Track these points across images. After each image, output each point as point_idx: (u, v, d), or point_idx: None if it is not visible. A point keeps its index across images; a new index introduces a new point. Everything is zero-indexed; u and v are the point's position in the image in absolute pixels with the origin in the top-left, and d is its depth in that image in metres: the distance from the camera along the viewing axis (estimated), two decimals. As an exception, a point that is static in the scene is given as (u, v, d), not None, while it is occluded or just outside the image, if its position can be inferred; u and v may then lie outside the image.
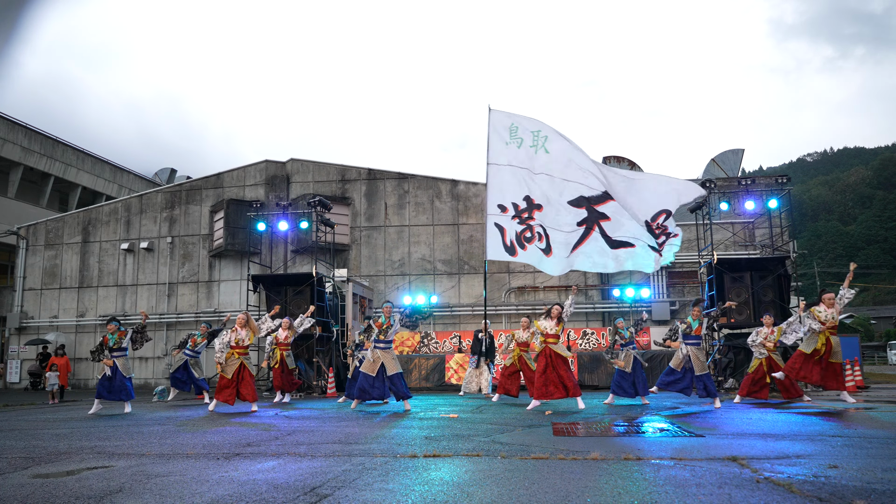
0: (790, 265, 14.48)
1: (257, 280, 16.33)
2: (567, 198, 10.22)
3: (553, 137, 10.34)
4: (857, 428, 6.87)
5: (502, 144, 10.46)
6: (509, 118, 10.55)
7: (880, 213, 77.09)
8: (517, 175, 10.39)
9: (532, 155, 10.35)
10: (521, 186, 10.40)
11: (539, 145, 10.33)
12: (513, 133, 10.46)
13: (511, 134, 10.46)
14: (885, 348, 44.41)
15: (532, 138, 10.37)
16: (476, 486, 3.86)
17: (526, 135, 10.39)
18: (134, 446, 6.11)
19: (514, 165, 10.40)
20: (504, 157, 10.46)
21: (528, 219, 10.47)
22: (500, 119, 10.57)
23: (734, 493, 3.54)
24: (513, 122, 10.51)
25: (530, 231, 10.48)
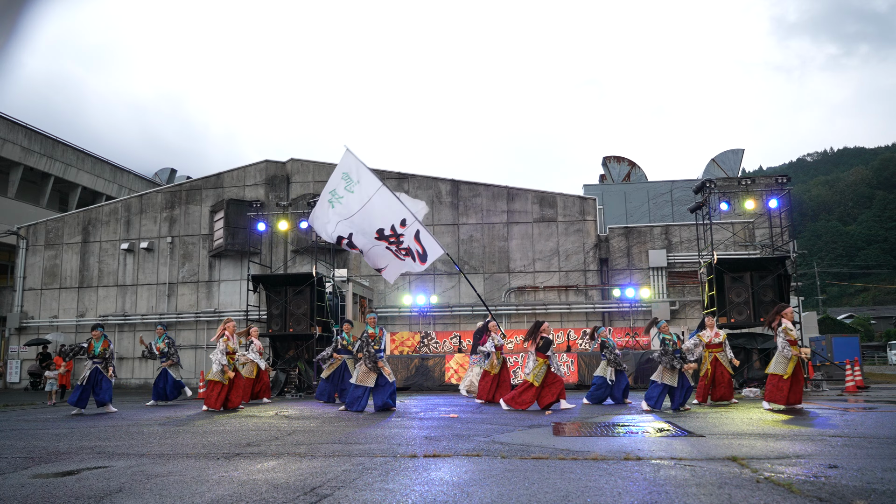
0: (790, 265, 14.48)
1: (257, 280, 16.33)
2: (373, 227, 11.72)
3: (362, 186, 11.62)
4: (857, 428, 6.87)
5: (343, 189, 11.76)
6: (346, 166, 11.73)
7: (880, 213, 77.12)
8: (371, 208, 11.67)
9: (351, 197, 11.64)
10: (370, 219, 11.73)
11: (350, 188, 11.69)
12: (347, 180, 11.76)
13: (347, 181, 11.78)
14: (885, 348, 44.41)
15: (345, 184, 11.68)
16: (476, 486, 3.86)
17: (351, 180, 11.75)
18: (134, 446, 6.11)
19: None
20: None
21: (396, 240, 11.73)
22: (346, 162, 11.76)
23: (734, 493, 3.54)
24: (348, 170, 11.72)
25: (396, 246, 11.81)
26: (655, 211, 27.10)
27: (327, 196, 11.61)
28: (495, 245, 20.88)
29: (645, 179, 30.58)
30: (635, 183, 29.64)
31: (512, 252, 20.74)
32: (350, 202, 11.45)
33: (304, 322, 15.45)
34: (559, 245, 20.58)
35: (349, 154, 11.63)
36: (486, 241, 20.88)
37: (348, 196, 11.47)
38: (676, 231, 20.44)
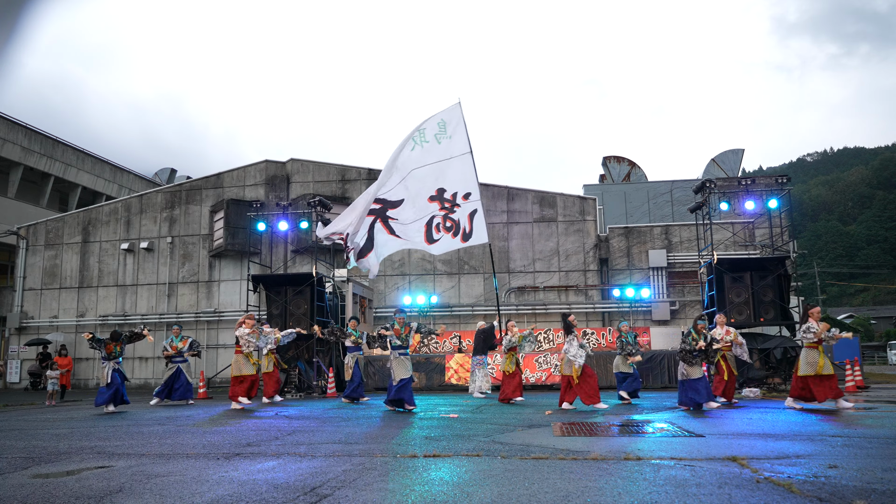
0: (790, 265, 14.47)
1: (257, 280, 16.33)
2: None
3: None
4: (857, 428, 6.87)
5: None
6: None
7: (880, 213, 77.12)
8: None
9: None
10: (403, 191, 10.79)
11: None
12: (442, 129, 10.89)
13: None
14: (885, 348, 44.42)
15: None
16: (476, 486, 3.86)
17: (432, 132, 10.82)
18: (134, 446, 6.11)
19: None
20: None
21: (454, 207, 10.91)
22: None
23: (734, 493, 3.54)
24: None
25: (441, 218, 10.93)
26: (655, 211, 27.09)
27: (413, 133, 10.72)
28: (495, 245, 20.86)
29: (645, 179, 30.56)
30: (635, 183, 29.62)
31: (512, 252, 20.73)
32: (430, 151, 10.63)
33: (304, 322, 15.44)
34: (559, 245, 20.57)
35: (458, 108, 10.92)
36: (486, 241, 20.87)
37: (433, 144, 10.68)
38: (676, 231, 20.44)
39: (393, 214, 10.58)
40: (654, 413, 9.24)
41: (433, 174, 10.60)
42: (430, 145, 10.63)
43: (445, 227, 10.84)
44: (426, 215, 10.68)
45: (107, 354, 11.05)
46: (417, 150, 10.59)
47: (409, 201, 10.59)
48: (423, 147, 10.60)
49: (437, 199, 10.72)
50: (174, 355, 13.01)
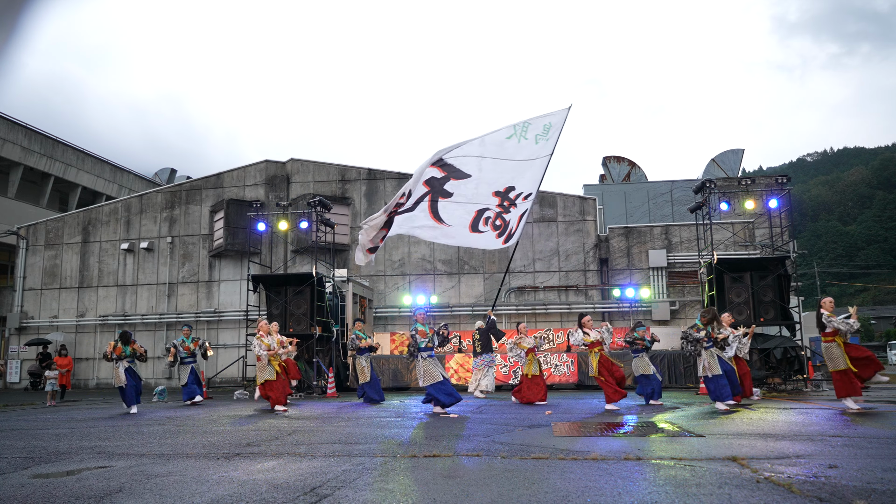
0: (790, 265, 14.47)
1: (257, 280, 16.32)
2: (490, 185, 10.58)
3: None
4: (857, 428, 6.87)
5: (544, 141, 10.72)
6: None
7: (880, 213, 77.11)
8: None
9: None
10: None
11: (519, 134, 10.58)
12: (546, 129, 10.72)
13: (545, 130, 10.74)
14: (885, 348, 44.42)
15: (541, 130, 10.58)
16: (476, 486, 3.86)
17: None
18: (134, 446, 6.11)
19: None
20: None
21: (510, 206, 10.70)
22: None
23: (734, 493, 3.54)
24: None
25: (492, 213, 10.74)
26: (655, 211, 27.09)
27: (518, 123, 10.46)
28: (495, 245, 20.87)
29: (645, 179, 30.56)
30: (635, 183, 29.62)
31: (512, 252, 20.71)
32: (524, 148, 10.42)
33: (304, 322, 15.44)
34: (559, 245, 20.57)
35: (565, 112, 10.71)
36: (486, 241, 20.86)
37: (530, 143, 10.47)
38: (676, 231, 20.44)
39: (450, 188, 10.33)
40: (654, 413, 9.24)
41: (512, 171, 10.48)
42: (527, 143, 10.51)
43: (494, 225, 10.66)
44: (482, 205, 10.50)
45: (116, 355, 11.04)
46: (513, 140, 10.44)
47: (475, 182, 10.37)
48: (520, 142, 10.46)
49: (500, 196, 10.54)
50: (187, 356, 12.96)
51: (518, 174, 10.46)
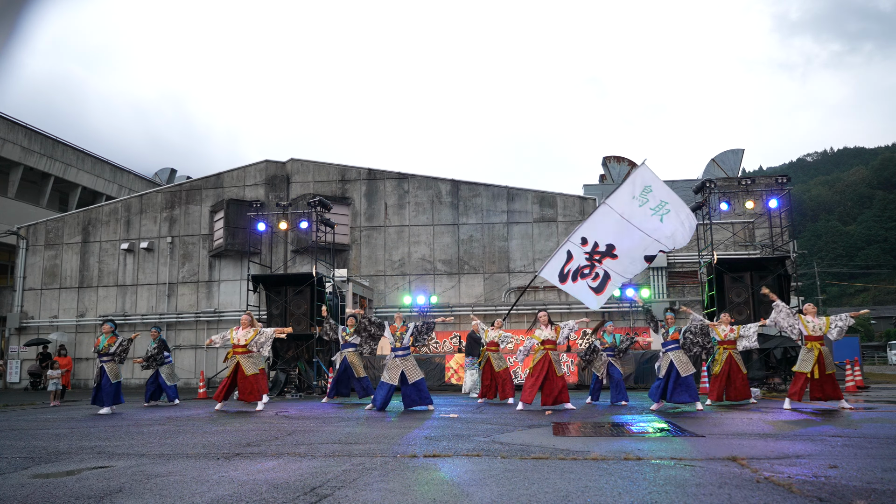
0: (790, 265, 14.48)
1: (257, 280, 16.33)
2: (644, 253, 10.57)
3: (676, 208, 10.52)
4: (857, 428, 6.87)
5: (629, 196, 10.73)
6: (652, 179, 10.71)
7: (880, 213, 77.09)
8: (618, 225, 10.60)
9: (647, 218, 10.54)
10: (613, 235, 10.63)
11: (658, 213, 10.53)
12: (644, 192, 10.65)
13: (643, 192, 10.65)
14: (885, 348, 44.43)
15: (658, 204, 10.58)
16: (476, 486, 3.86)
17: (654, 199, 10.59)
18: (134, 446, 6.10)
19: (624, 218, 10.58)
20: (621, 207, 10.63)
21: (597, 261, 10.70)
22: (644, 175, 10.75)
23: (734, 493, 3.54)
24: (652, 184, 10.71)
25: (590, 270, 10.72)
26: (655, 211, 27.06)
27: (643, 191, 10.50)
28: (495, 245, 20.88)
29: (645, 179, 30.53)
30: (635, 183, 29.58)
31: (512, 252, 20.74)
32: (637, 214, 10.55)
33: (304, 322, 15.45)
34: (559, 245, 20.56)
35: (645, 170, 10.84)
36: (486, 241, 20.87)
37: (645, 210, 10.58)
38: (676, 231, 20.42)
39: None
40: (654, 413, 9.24)
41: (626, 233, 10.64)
42: (643, 208, 10.60)
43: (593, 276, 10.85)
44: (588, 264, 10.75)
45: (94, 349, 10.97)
46: (643, 207, 10.58)
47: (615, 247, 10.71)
48: (641, 208, 10.58)
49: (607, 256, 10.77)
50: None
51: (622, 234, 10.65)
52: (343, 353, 11.80)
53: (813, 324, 9.38)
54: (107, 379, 10.66)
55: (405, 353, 10.42)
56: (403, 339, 10.45)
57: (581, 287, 10.75)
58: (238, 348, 10.55)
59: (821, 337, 9.34)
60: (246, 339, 10.62)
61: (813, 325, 9.38)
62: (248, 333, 10.66)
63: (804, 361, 9.27)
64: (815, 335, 9.33)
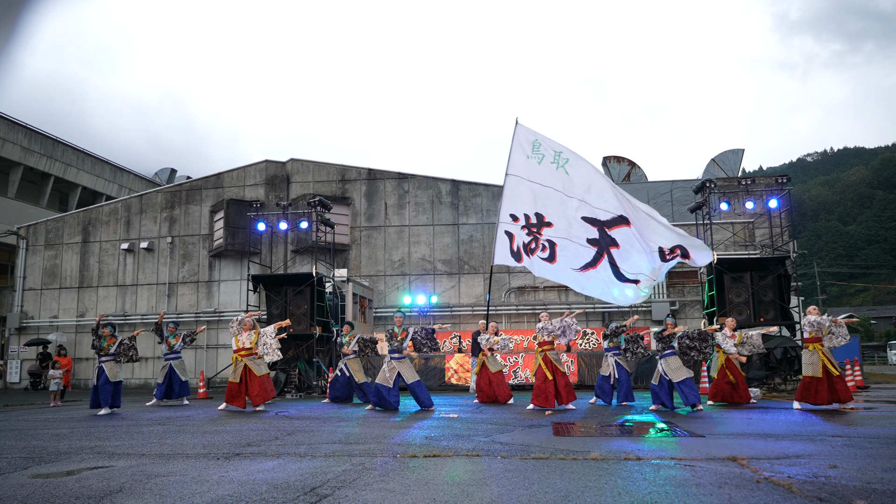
0: (790, 265, 14.48)
1: (257, 280, 16.33)
2: (581, 214, 10.46)
3: (575, 161, 10.57)
4: (857, 428, 6.87)
5: (523, 157, 10.64)
6: (534, 134, 10.74)
7: (880, 213, 77.07)
8: (534, 190, 10.57)
9: (552, 172, 10.55)
10: (535, 202, 10.59)
11: (560, 165, 10.48)
12: (535, 148, 10.61)
13: (534, 149, 10.61)
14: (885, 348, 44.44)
15: (553, 156, 10.52)
16: (476, 486, 3.86)
17: (548, 152, 10.59)
18: (134, 446, 6.10)
19: (533, 182, 10.56)
20: (524, 171, 10.62)
21: (536, 233, 10.70)
22: (524, 133, 10.75)
23: (734, 493, 3.54)
24: (536, 138, 10.68)
25: (535, 243, 10.75)
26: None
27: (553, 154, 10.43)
28: (495, 245, 20.85)
29: (645, 179, 30.54)
30: (635, 183, 29.60)
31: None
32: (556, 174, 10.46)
33: (304, 322, 15.45)
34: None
35: (519, 129, 10.68)
36: (486, 241, 20.86)
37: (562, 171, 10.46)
38: (676, 231, 20.41)
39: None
40: (654, 413, 9.24)
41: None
42: (542, 165, 10.58)
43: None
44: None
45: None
46: (543, 163, 10.57)
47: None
48: (541, 165, 10.56)
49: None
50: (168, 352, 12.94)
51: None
52: (344, 360, 12.03)
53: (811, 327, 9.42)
54: (105, 378, 10.66)
55: (400, 356, 10.51)
56: (403, 343, 10.53)
57: (535, 261, 10.90)
58: (243, 351, 10.62)
59: (819, 339, 9.35)
60: (251, 341, 10.69)
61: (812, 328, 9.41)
62: (251, 336, 10.74)
63: (810, 365, 9.25)
64: (814, 337, 9.34)
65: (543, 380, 10.13)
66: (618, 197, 10.56)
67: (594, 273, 10.64)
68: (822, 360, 9.16)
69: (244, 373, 10.53)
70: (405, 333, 10.63)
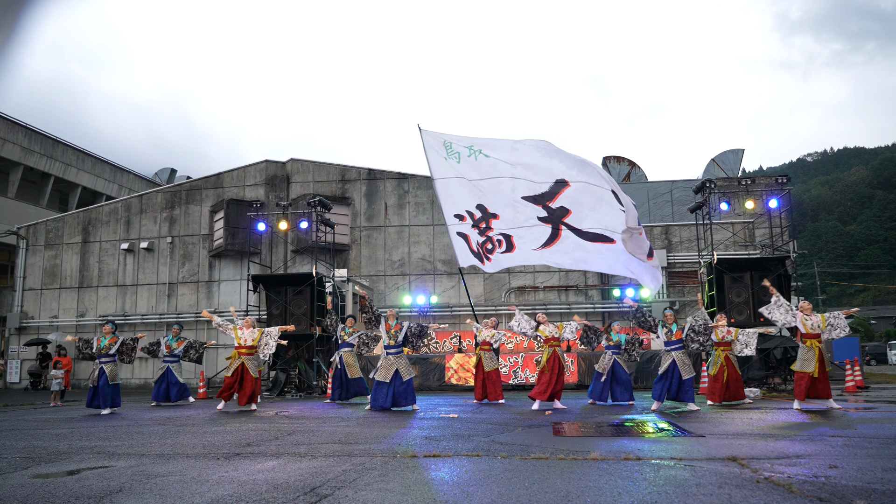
0: (790, 265, 14.48)
1: (257, 280, 16.33)
2: (521, 194, 9.98)
3: (488, 145, 10.09)
4: (857, 428, 6.87)
5: (441, 160, 10.29)
6: (441, 136, 10.33)
7: (880, 213, 77.05)
8: (465, 186, 10.19)
9: (474, 164, 10.07)
10: (472, 196, 10.21)
11: (477, 153, 10.14)
12: (448, 148, 10.23)
13: (447, 150, 10.25)
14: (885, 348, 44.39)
15: (468, 151, 10.17)
16: (476, 486, 3.86)
17: (461, 149, 10.19)
18: (134, 446, 6.11)
19: (462, 177, 10.18)
20: (449, 172, 10.25)
21: (486, 229, 10.33)
22: (431, 138, 10.36)
23: (734, 493, 3.54)
24: (445, 139, 10.33)
25: (490, 242, 10.42)
26: (655, 211, 27.08)
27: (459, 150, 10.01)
28: (495, 245, 20.86)
29: (645, 179, 30.56)
30: (635, 183, 29.61)
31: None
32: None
33: (304, 322, 15.45)
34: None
35: (425, 135, 10.32)
36: (486, 241, 20.86)
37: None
38: (676, 231, 20.43)
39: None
40: (655, 413, 9.24)
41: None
42: (462, 163, 10.26)
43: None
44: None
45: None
46: (462, 161, 10.26)
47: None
48: (461, 163, 10.25)
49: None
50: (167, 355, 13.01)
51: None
52: (340, 352, 11.98)
53: (810, 322, 9.40)
54: (105, 380, 10.63)
55: (398, 350, 10.49)
56: (398, 337, 10.51)
57: (496, 259, 10.52)
58: (243, 349, 10.59)
59: (818, 335, 9.35)
60: (253, 339, 10.67)
61: (811, 324, 9.39)
62: (253, 334, 10.72)
63: (806, 361, 9.27)
64: (812, 333, 9.35)
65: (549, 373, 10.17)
66: (546, 156, 9.83)
67: (558, 246, 10.03)
68: (817, 357, 9.19)
69: (240, 370, 10.53)
70: (399, 326, 10.62)
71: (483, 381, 11.57)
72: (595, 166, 9.92)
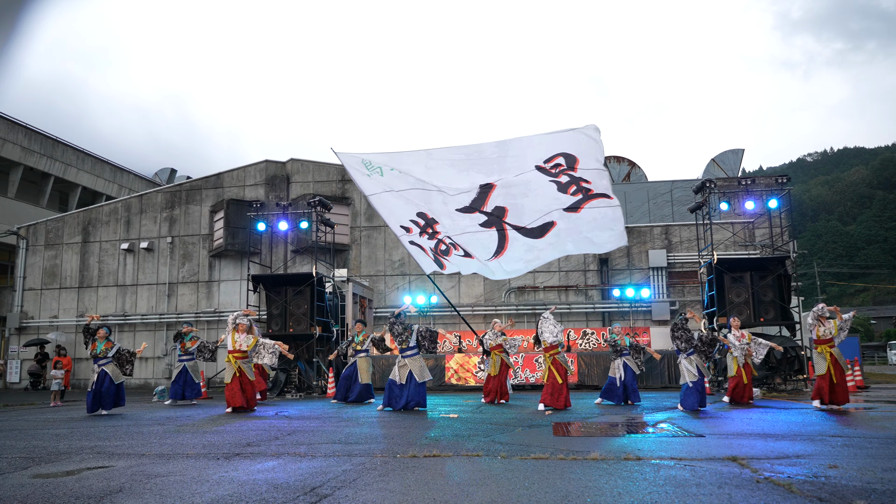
0: (790, 265, 14.48)
1: (257, 280, 16.32)
2: (453, 206, 9.68)
3: (396, 160, 9.81)
4: (857, 428, 6.87)
5: (366, 178, 9.92)
6: (358, 155, 10.01)
7: (880, 213, 77.06)
8: (399, 197, 9.88)
9: (397, 177, 9.74)
10: (409, 206, 9.90)
11: (399, 170, 9.87)
12: (368, 166, 9.87)
13: (368, 167, 9.92)
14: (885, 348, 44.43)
15: (389, 167, 9.93)
16: (476, 486, 3.86)
17: (381, 164, 9.88)
18: (134, 446, 6.11)
19: (391, 190, 9.86)
20: (376, 187, 9.93)
21: (434, 234, 10.06)
22: (350, 158, 10.02)
23: (734, 493, 3.54)
24: (362, 158, 10.00)
25: (443, 244, 10.13)
26: (655, 211, 27.07)
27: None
28: (495, 245, 20.85)
29: (645, 179, 30.56)
30: (635, 183, 29.61)
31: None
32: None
33: (303, 322, 15.45)
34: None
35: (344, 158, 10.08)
36: (486, 241, 20.86)
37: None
38: (676, 231, 20.44)
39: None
40: (654, 413, 9.24)
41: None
42: (385, 178, 9.90)
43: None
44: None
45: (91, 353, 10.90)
46: (383, 177, 9.92)
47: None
48: (383, 177, 9.90)
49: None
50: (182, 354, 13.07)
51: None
52: (356, 357, 12.21)
53: (823, 328, 9.50)
54: (109, 380, 10.63)
55: (414, 352, 10.50)
56: (410, 340, 10.52)
57: (454, 260, 10.34)
58: (238, 353, 10.54)
59: (829, 340, 9.42)
60: (248, 345, 10.63)
61: (823, 330, 9.52)
62: (248, 339, 10.67)
63: (818, 365, 9.45)
64: (823, 339, 9.43)
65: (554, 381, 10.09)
66: (465, 166, 9.39)
67: (510, 254, 9.72)
68: (829, 361, 9.28)
69: (238, 375, 10.52)
70: (409, 332, 10.63)
71: (499, 383, 11.51)
72: (514, 142, 9.28)
